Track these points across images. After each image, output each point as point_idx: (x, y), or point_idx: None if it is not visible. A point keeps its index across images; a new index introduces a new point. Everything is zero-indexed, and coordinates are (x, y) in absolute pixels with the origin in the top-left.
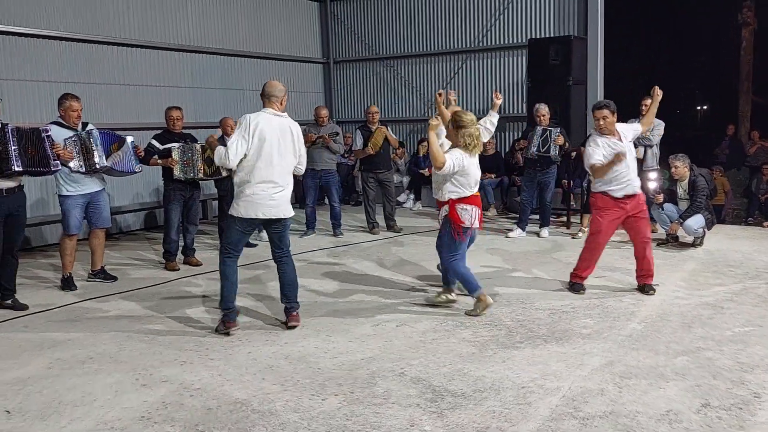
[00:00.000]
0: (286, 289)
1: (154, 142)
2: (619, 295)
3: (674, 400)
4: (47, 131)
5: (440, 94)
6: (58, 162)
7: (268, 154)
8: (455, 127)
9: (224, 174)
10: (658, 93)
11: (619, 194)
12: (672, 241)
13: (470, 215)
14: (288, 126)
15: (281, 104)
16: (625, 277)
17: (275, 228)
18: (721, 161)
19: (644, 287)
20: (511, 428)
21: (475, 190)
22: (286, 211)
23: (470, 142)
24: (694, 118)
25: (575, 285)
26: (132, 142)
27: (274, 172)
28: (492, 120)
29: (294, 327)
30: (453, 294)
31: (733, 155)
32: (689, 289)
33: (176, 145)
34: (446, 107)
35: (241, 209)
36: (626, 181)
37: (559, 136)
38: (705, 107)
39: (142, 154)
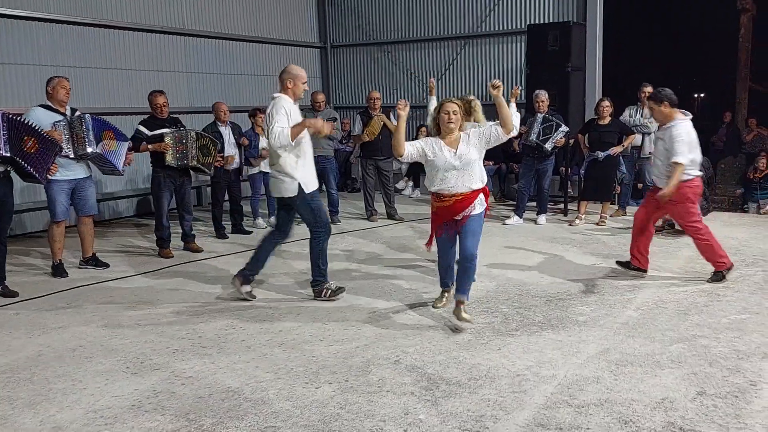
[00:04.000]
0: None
1: (142, 129)
2: (615, 283)
3: (670, 387)
4: (62, 149)
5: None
6: (47, 177)
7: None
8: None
9: (209, 171)
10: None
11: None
12: (668, 228)
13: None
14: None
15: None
16: None
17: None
18: (718, 149)
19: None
20: (506, 416)
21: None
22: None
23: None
24: (692, 106)
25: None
26: (129, 147)
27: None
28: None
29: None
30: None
31: (730, 143)
32: (685, 276)
33: (168, 130)
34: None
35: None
36: None
37: (562, 138)
38: (702, 95)
39: (130, 161)
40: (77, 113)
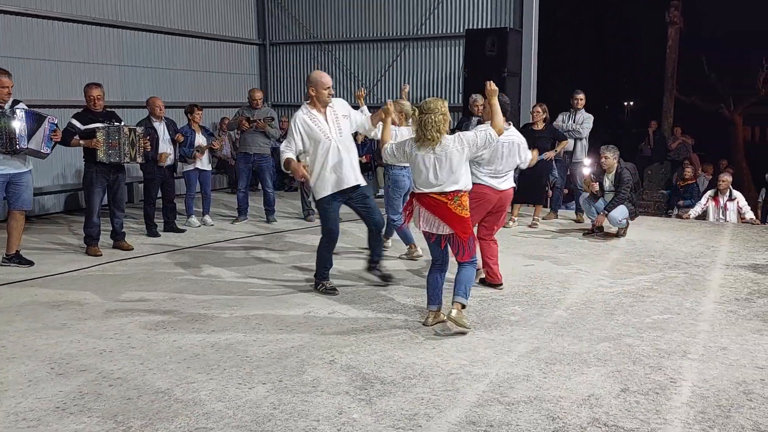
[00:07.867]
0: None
1: (75, 122)
2: (547, 283)
3: (596, 385)
4: None
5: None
6: None
7: None
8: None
9: (139, 159)
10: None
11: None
12: (597, 231)
13: (416, 214)
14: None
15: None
16: (553, 266)
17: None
18: (645, 155)
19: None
20: (439, 414)
21: (424, 189)
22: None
23: (416, 131)
24: (622, 113)
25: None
26: (52, 124)
27: None
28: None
29: None
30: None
31: (656, 150)
32: (612, 277)
33: (100, 125)
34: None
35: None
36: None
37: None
38: (632, 103)
39: (59, 138)
40: (17, 106)
